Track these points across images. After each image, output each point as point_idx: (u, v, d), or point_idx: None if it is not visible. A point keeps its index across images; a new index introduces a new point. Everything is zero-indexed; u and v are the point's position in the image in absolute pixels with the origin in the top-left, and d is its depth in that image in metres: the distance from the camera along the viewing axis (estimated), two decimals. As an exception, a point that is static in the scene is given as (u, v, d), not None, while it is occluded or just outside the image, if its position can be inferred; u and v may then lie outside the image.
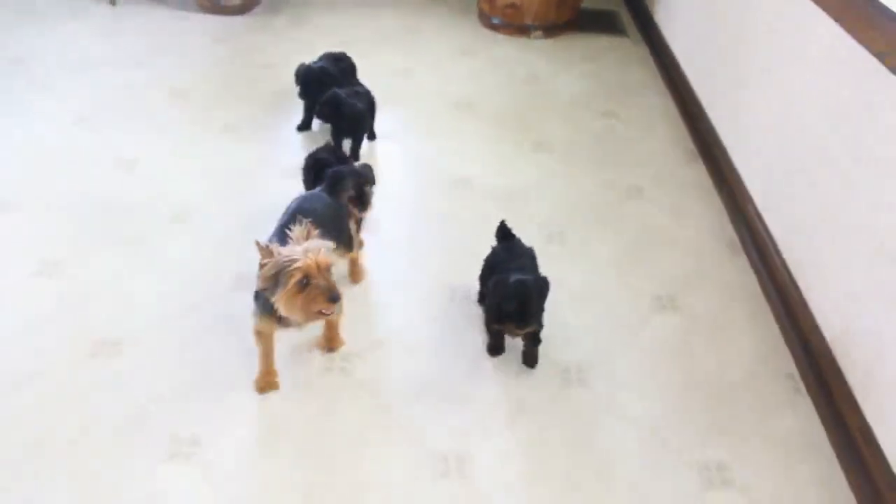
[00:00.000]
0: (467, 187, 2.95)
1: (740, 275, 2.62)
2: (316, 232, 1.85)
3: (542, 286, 2.10)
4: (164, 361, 2.18)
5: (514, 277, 2.06)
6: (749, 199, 2.74)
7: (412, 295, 2.45)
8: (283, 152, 3.09)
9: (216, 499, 1.84)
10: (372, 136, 3.18)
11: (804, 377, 2.23)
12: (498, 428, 2.05)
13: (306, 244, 1.79)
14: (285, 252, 1.76)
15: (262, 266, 1.78)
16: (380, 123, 3.26)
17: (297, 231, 1.83)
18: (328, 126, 3.11)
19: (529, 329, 2.11)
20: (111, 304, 2.36)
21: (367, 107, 3.04)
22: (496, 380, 2.19)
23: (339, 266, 2.37)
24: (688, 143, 3.27)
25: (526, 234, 2.70)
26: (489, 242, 2.59)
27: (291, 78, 3.35)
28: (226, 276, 2.47)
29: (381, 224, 2.74)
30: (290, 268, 1.73)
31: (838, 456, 2.02)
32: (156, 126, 3.20)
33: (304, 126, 3.23)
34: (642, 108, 3.51)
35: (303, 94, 3.15)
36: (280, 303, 1.78)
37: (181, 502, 1.83)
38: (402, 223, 2.75)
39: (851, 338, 2.07)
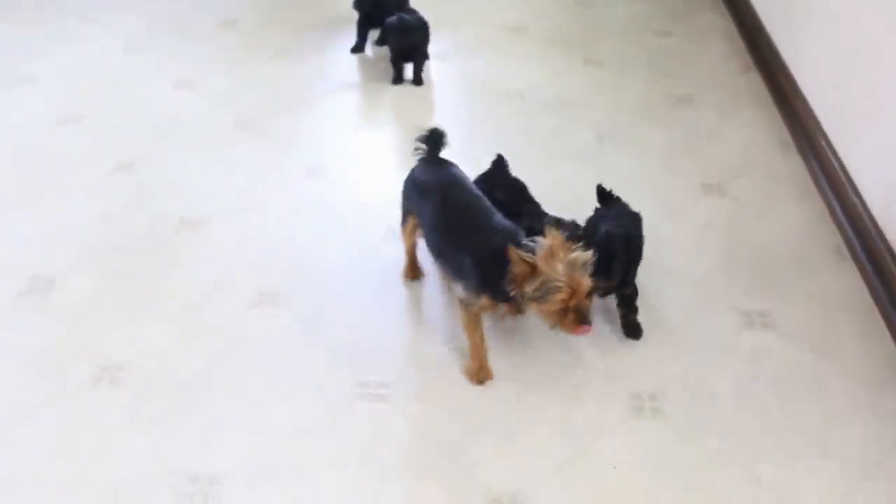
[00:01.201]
0: (519, 98, 3.44)
1: (790, 167, 3.05)
2: (576, 247, 1.96)
3: (631, 241, 2.26)
4: (242, 233, 2.71)
5: (602, 229, 2.24)
6: (800, 96, 3.18)
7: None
8: (338, 71, 3.63)
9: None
10: (426, 57, 3.68)
11: (849, 245, 2.65)
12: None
13: (571, 260, 1.92)
14: (550, 269, 1.91)
15: (519, 276, 1.93)
16: (432, 47, 3.77)
17: (553, 239, 1.94)
18: (382, 49, 3.63)
19: (614, 286, 2.27)
20: (185, 193, 2.90)
21: (424, 31, 3.54)
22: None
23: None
24: (743, 56, 3.71)
25: (576, 137, 3.21)
26: (540, 149, 3.09)
27: (338, 3, 3.88)
28: (295, 169, 3.02)
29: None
30: (556, 288, 1.91)
31: (881, 312, 2.44)
32: (209, 52, 3.76)
33: (358, 48, 3.76)
34: (699, 26, 3.96)
35: (361, 22, 3.70)
36: (534, 310, 1.99)
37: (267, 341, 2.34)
38: (457, 133, 3.25)
39: (893, 208, 2.50)
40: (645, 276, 2.47)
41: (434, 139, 2.36)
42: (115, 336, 2.37)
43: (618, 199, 2.46)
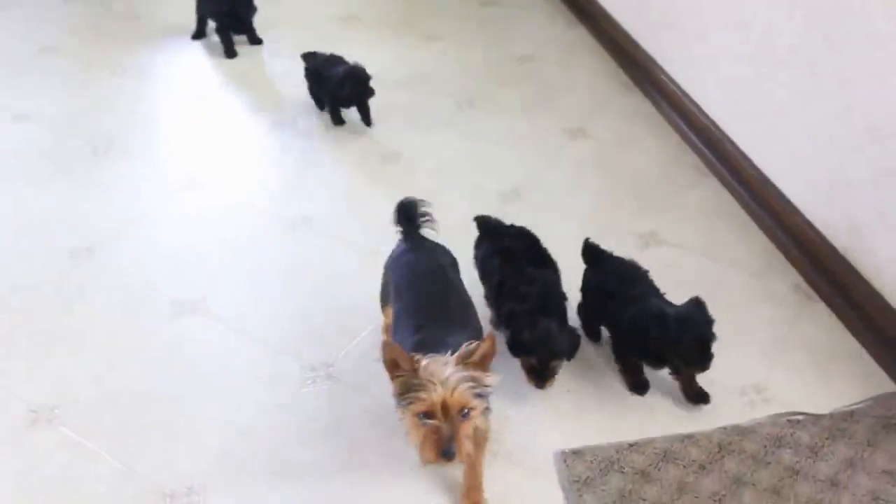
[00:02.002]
0: (371, 81, 3.52)
1: (636, 104, 3.32)
2: (481, 374, 1.60)
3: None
4: (139, 251, 2.64)
5: (673, 311, 2.03)
6: (630, 40, 3.45)
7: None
8: (182, 81, 3.56)
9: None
10: (256, 41, 3.73)
11: (707, 163, 2.93)
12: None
13: (451, 373, 1.55)
14: (423, 370, 1.56)
15: (393, 371, 1.61)
16: (271, 44, 3.77)
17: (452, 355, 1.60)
18: (217, 46, 3.67)
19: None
20: (66, 224, 2.78)
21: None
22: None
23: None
24: (565, 13, 3.97)
25: (437, 107, 3.33)
26: (405, 123, 3.19)
27: (155, 16, 3.82)
28: (170, 182, 2.95)
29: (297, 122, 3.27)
30: (417, 394, 1.55)
31: (747, 211, 2.73)
32: (39, 80, 3.58)
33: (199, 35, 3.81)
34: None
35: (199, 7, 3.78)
36: (404, 423, 1.63)
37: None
38: (319, 122, 3.29)
39: (737, 120, 2.79)
40: (545, 223, 2.63)
41: (406, 213, 2.06)
42: (38, 376, 2.25)
43: (605, 254, 2.30)
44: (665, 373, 2.15)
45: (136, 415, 2.14)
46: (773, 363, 2.22)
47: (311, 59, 3.31)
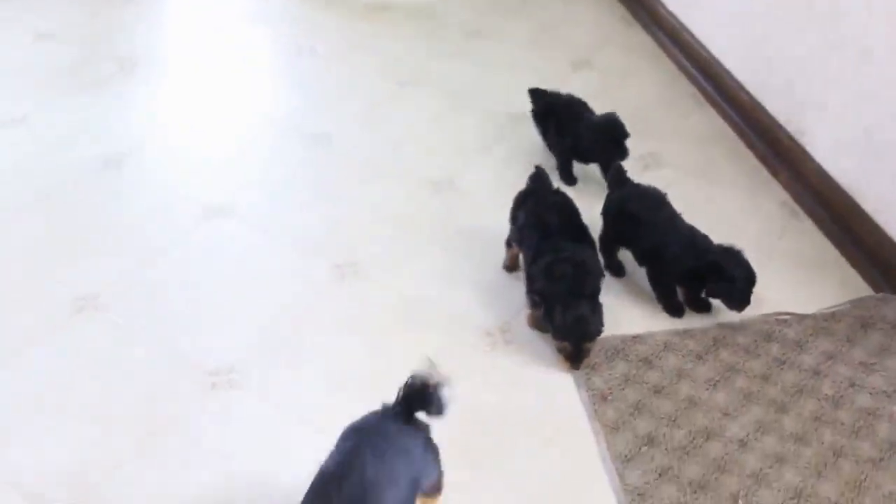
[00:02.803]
0: (388, 9, 3.64)
1: (638, 39, 3.46)
2: None
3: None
4: (172, 159, 2.77)
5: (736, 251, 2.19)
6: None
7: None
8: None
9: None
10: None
11: (704, 92, 3.09)
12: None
13: None
14: None
15: None
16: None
17: None
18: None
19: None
20: (97, 136, 2.89)
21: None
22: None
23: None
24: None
25: (451, 35, 3.46)
26: (414, 52, 3.30)
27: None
28: (199, 93, 3.08)
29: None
30: None
31: (740, 136, 2.90)
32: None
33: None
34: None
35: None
36: None
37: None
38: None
39: (733, 51, 2.95)
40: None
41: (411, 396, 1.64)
42: (82, 268, 2.38)
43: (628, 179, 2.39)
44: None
45: (175, 304, 2.28)
46: (762, 270, 2.38)
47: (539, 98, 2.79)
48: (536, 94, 2.79)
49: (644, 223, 2.28)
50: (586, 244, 2.21)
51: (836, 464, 1.90)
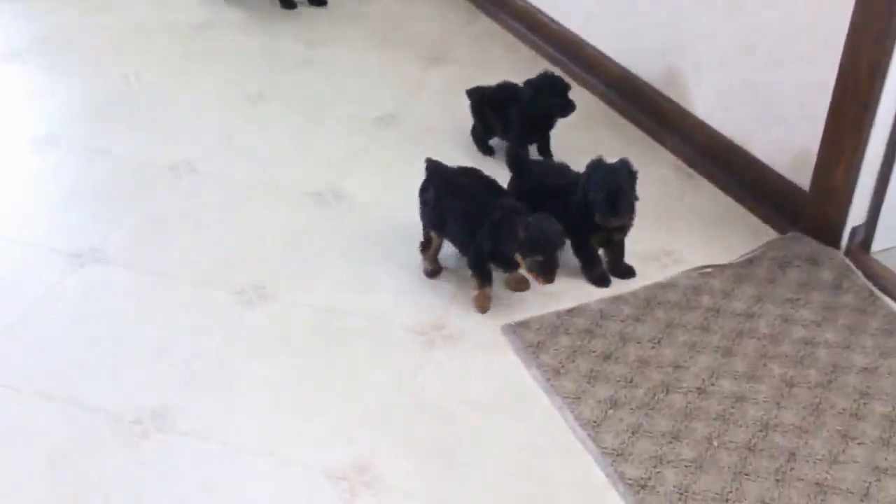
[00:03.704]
0: (213, 27, 3.79)
1: (487, 28, 3.81)
2: None
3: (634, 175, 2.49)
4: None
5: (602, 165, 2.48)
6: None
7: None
8: None
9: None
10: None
11: (569, 72, 3.45)
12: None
13: None
14: None
15: None
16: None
17: None
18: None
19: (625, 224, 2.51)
20: None
21: None
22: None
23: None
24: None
25: (292, 46, 3.67)
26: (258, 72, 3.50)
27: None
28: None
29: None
30: None
31: (621, 113, 3.27)
32: None
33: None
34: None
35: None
36: None
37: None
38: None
39: (594, 24, 3.34)
40: (427, 143, 3.04)
41: None
42: None
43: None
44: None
45: (71, 356, 2.32)
46: (670, 232, 2.74)
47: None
48: (472, 92, 3.10)
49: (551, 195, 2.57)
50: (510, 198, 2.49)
51: (791, 393, 2.23)
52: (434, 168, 2.58)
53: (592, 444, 2.10)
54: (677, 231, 2.75)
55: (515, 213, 2.35)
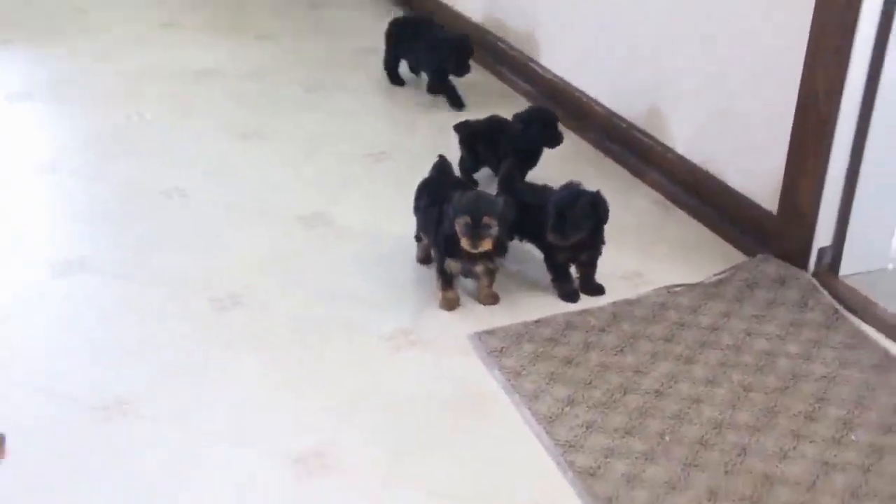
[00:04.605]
0: (219, 75, 4.07)
1: (478, 75, 4.06)
2: None
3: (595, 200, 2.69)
4: None
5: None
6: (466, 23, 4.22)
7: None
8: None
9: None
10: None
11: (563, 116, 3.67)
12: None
13: None
14: None
15: None
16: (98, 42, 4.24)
17: None
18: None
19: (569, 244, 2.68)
20: None
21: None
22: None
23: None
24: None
25: (290, 93, 3.93)
26: (253, 110, 3.76)
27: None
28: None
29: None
30: None
31: (602, 150, 3.48)
32: None
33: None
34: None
35: None
36: None
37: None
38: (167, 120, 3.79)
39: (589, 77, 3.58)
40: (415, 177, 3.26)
41: None
42: None
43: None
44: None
45: (54, 347, 2.51)
46: (645, 259, 2.90)
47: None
48: (460, 126, 3.34)
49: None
50: None
51: (748, 397, 2.36)
52: (440, 167, 2.89)
53: (546, 437, 2.24)
54: (651, 255, 2.93)
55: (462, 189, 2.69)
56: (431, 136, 3.59)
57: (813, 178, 2.67)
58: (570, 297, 2.75)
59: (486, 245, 2.57)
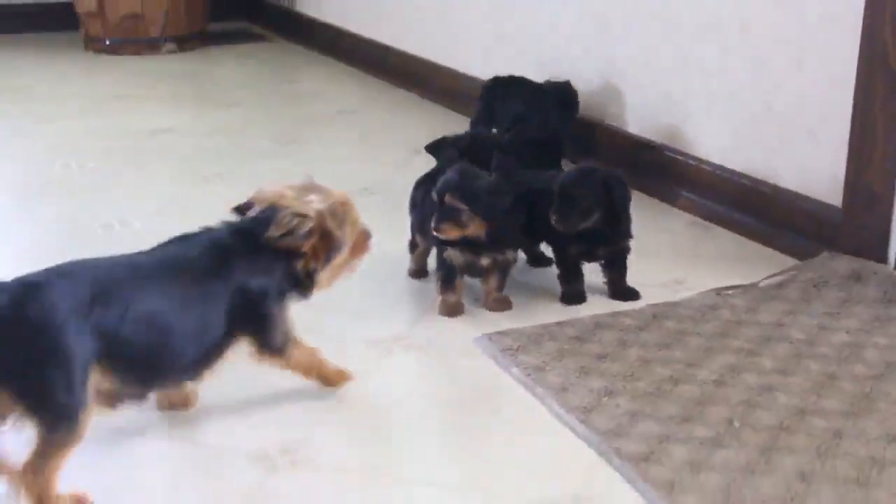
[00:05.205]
0: (174, 133, 3.85)
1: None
2: None
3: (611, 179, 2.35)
4: None
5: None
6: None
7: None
8: None
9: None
10: None
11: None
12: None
13: None
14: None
15: None
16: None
17: None
18: None
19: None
20: None
21: None
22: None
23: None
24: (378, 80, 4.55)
25: (259, 145, 3.69)
26: (224, 161, 3.51)
27: None
28: None
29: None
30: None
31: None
32: None
33: None
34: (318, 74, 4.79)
35: None
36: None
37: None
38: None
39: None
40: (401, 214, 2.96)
41: None
42: None
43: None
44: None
45: None
46: (686, 277, 2.55)
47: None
48: (434, 148, 2.80)
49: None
50: None
51: (833, 385, 1.96)
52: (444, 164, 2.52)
53: (582, 426, 1.84)
54: (691, 265, 2.59)
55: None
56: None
57: (885, 151, 2.36)
58: (573, 298, 2.40)
59: (450, 232, 2.22)
